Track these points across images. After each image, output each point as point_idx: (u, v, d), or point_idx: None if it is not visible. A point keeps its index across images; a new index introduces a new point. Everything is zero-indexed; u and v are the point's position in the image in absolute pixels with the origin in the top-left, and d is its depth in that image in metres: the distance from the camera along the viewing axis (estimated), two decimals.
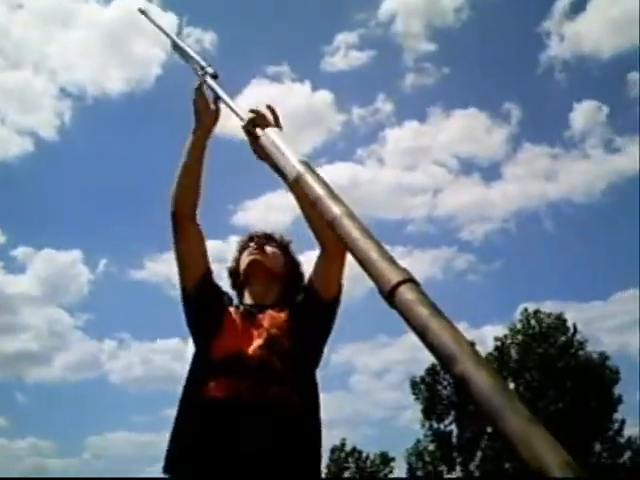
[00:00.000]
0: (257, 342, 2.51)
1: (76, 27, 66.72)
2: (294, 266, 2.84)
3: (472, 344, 1.06)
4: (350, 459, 46.03)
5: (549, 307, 39.50)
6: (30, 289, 59.44)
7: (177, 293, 2.66)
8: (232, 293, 2.83)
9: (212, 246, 2.79)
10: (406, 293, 1.14)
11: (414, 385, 39.60)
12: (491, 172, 60.68)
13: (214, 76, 2.33)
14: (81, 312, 60.98)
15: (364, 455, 46.15)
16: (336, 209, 1.42)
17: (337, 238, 2.32)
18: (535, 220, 54.26)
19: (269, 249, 2.80)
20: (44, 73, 64.56)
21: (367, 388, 56.75)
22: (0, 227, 56.57)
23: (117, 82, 63.80)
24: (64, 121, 57.10)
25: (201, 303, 2.66)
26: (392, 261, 1.23)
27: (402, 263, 1.19)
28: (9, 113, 66.28)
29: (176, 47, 2.60)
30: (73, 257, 56.95)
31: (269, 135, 1.86)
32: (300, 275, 2.83)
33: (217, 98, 2.35)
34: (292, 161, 1.67)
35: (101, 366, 61.25)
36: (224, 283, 2.84)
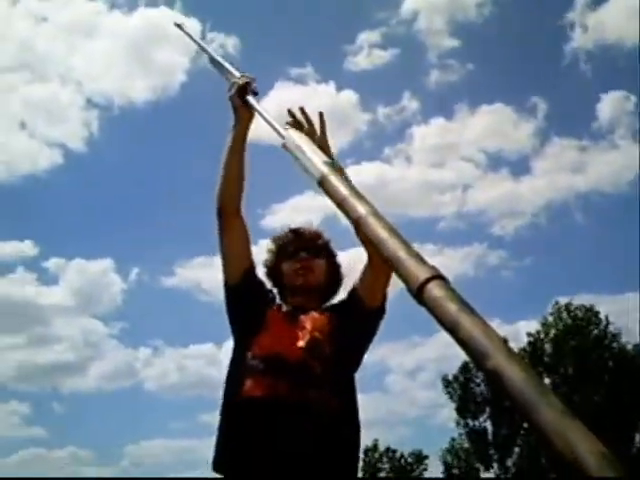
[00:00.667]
0: (299, 344, 2.52)
1: (100, 37, 67.35)
2: (335, 271, 2.83)
3: (505, 340, 1.06)
4: (384, 459, 45.98)
5: (582, 300, 39.17)
6: (63, 300, 59.96)
7: (208, 299, 2.70)
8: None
9: None
10: (435, 290, 1.14)
11: (447, 384, 39.48)
12: (519, 166, 60.37)
13: (254, 93, 2.40)
14: (115, 321, 61.35)
15: (398, 455, 46.09)
16: (361, 208, 1.42)
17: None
18: (565, 213, 53.97)
19: (314, 263, 2.77)
20: (70, 85, 65.16)
21: (402, 388, 56.70)
22: (32, 239, 57.04)
23: (142, 91, 64.25)
24: (92, 132, 57.59)
25: (244, 298, 2.68)
26: (420, 258, 1.23)
27: (433, 261, 1.19)
28: (37, 126, 66.92)
29: (213, 61, 2.64)
30: (104, 266, 57.37)
31: (293, 138, 1.87)
32: (340, 279, 2.82)
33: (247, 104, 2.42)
34: (316, 162, 1.67)
35: (136, 374, 61.57)
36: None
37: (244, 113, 2.52)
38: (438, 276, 1.18)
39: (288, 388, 2.42)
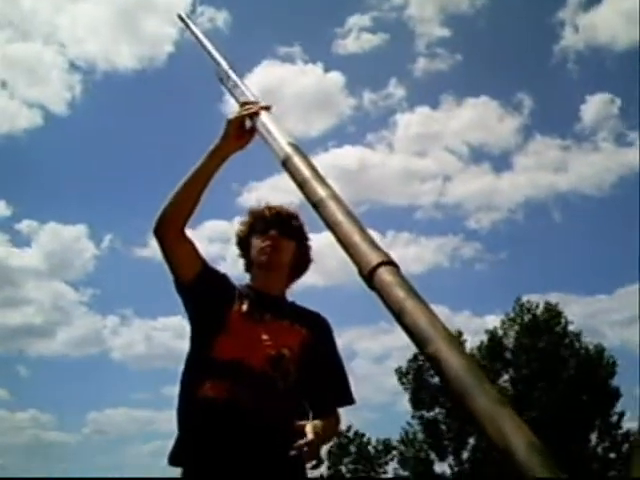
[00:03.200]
0: (264, 354, 2.48)
1: (87, 0, 66.29)
2: (304, 254, 2.74)
3: (459, 332, 1.08)
4: (352, 444, 46.16)
5: (554, 298, 39.38)
6: (35, 263, 59.44)
7: None
8: (239, 266, 2.79)
9: (216, 226, 2.72)
10: (384, 275, 1.17)
11: (401, 375, 39.64)
12: (501, 161, 60.26)
13: (266, 108, 2.08)
14: (85, 287, 60.80)
15: (365, 440, 46.27)
16: (322, 191, 1.44)
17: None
18: (543, 211, 54.00)
19: (284, 243, 2.67)
20: (54, 45, 63.93)
21: (368, 373, 56.87)
22: (5, 200, 56.35)
23: (128, 58, 62.99)
24: (73, 95, 56.80)
25: (198, 298, 2.57)
26: (373, 244, 1.25)
27: (408, 250, 1.20)
28: (18, 85, 66.02)
29: (222, 78, 2.34)
30: (78, 232, 56.95)
31: (261, 119, 1.88)
32: (308, 263, 2.77)
33: (253, 129, 2.12)
34: (281, 143, 1.69)
35: (103, 342, 61.10)
36: (228, 263, 2.76)
37: (233, 143, 2.30)
38: (389, 262, 1.20)
39: (248, 395, 2.40)
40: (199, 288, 2.54)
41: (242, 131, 2.21)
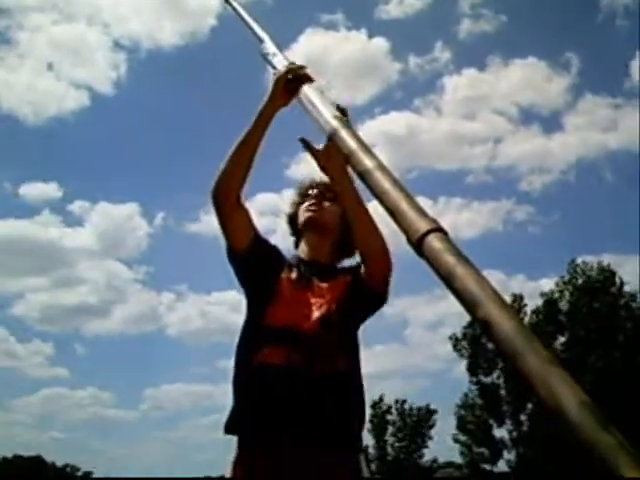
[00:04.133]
0: (315, 315, 2.54)
1: None
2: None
3: (521, 297, 1.09)
4: (393, 410, 46.29)
5: (607, 259, 38.98)
6: (88, 243, 60.34)
7: None
8: (289, 241, 2.84)
9: (266, 199, 2.78)
10: (434, 242, 1.18)
11: (456, 341, 39.62)
12: (551, 122, 59.82)
13: (310, 78, 2.17)
14: (139, 265, 61.62)
15: (407, 407, 46.39)
16: (368, 162, 1.46)
17: (381, 260, 2.35)
18: (595, 171, 53.50)
19: (326, 204, 2.76)
20: (97, 26, 64.67)
21: (422, 341, 56.89)
22: (57, 181, 57.26)
23: (171, 35, 63.60)
24: (119, 74, 57.43)
25: (251, 267, 2.64)
26: (421, 211, 1.27)
27: (461, 215, 1.22)
28: (64, 67, 66.71)
29: (265, 54, 2.44)
30: (130, 210, 57.72)
31: (305, 92, 1.91)
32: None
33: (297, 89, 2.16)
34: (327, 117, 1.71)
35: (159, 319, 62.27)
36: (278, 235, 2.79)
37: (280, 99, 2.37)
38: (438, 229, 1.22)
39: (302, 359, 2.46)
40: (251, 257, 2.61)
41: (287, 89, 2.26)
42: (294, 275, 2.65)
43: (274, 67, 2.32)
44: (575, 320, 36.69)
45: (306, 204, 2.76)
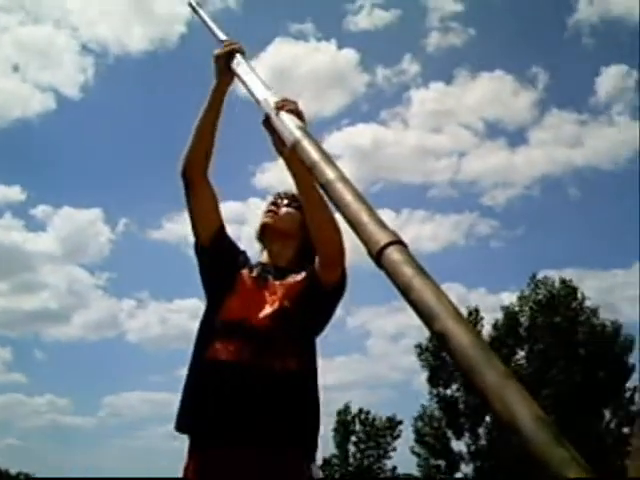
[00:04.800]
0: (267, 311, 2.55)
1: None
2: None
3: (477, 310, 1.09)
4: (357, 420, 46.25)
5: (570, 275, 39.24)
6: (50, 248, 59.76)
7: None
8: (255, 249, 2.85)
9: (232, 207, 2.85)
10: (393, 254, 1.19)
11: (421, 352, 39.68)
12: (517, 137, 60.10)
13: (242, 52, 2.43)
14: (101, 271, 61.10)
15: (370, 417, 46.35)
16: (331, 173, 1.46)
17: (332, 242, 2.38)
18: (559, 186, 53.91)
19: (284, 210, 2.80)
20: (66, 29, 64.10)
21: (384, 351, 56.96)
22: (20, 185, 56.67)
23: (140, 40, 63.29)
24: (86, 78, 56.93)
25: (214, 259, 2.69)
26: (382, 224, 1.27)
27: (424, 228, 1.22)
28: (30, 69, 66.14)
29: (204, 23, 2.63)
30: (93, 216, 57.31)
31: (269, 102, 1.91)
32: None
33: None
34: (290, 127, 1.71)
35: (119, 325, 61.80)
36: (243, 244, 2.84)
37: (225, 76, 2.53)
38: (398, 241, 1.22)
39: (251, 354, 2.46)
40: (215, 249, 2.69)
41: (228, 65, 2.44)
42: (254, 274, 2.68)
43: (239, 78, 2.37)
44: (535, 334, 36.92)
45: (266, 210, 2.79)
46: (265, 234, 2.78)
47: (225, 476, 2.41)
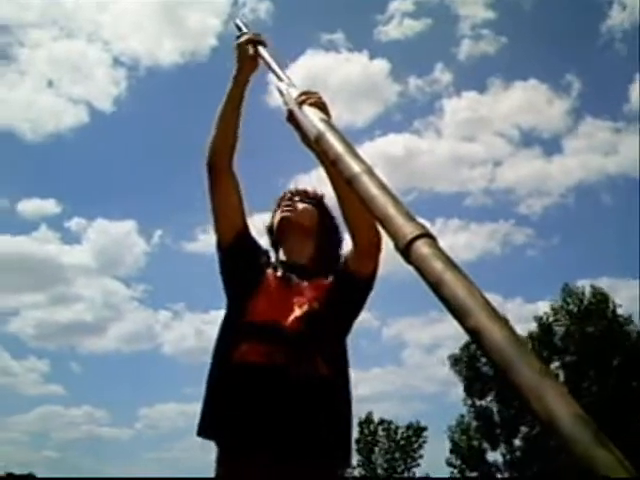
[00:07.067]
0: (296, 313, 2.50)
1: None
2: (328, 220, 2.79)
3: (508, 319, 1.03)
4: (380, 432, 46.09)
5: (604, 283, 39.14)
6: (85, 260, 60.35)
7: None
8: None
9: (262, 219, 2.81)
10: (422, 248, 1.13)
11: (455, 362, 39.52)
12: (552, 145, 59.93)
13: (264, 44, 2.47)
14: (137, 283, 61.59)
15: (393, 427, 46.20)
16: (356, 167, 1.40)
17: (369, 233, 2.34)
18: (594, 195, 53.63)
19: (300, 205, 2.77)
20: (98, 43, 64.73)
21: (419, 362, 56.85)
22: (55, 198, 57.26)
23: (171, 53, 63.84)
24: (118, 91, 57.51)
25: (237, 260, 2.64)
26: (409, 216, 1.21)
27: (459, 237, 1.16)
28: (64, 84, 66.89)
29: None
30: (128, 228, 57.91)
31: (292, 95, 1.87)
32: (335, 228, 2.78)
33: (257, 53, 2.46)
34: (313, 120, 1.66)
35: (155, 337, 62.28)
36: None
37: (249, 63, 2.53)
38: (426, 234, 1.16)
39: (284, 357, 2.40)
40: (238, 247, 2.64)
41: (253, 55, 2.47)
42: (279, 273, 2.64)
43: (267, 63, 2.35)
44: (569, 344, 36.64)
45: (281, 206, 2.76)
46: (283, 229, 2.74)
47: None
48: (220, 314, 2.61)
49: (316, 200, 2.78)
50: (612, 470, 0.79)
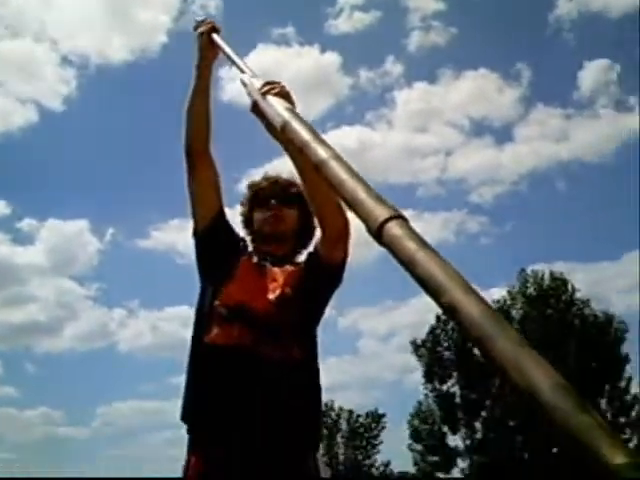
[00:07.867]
0: (269, 297, 2.53)
1: None
2: (307, 221, 2.77)
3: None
4: (341, 419, 46.30)
5: (560, 268, 39.45)
6: (38, 260, 59.54)
7: (183, 261, 2.71)
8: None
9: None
10: (394, 229, 1.14)
11: (416, 348, 39.68)
12: (503, 133, 60.34)
13: (217, 30, 2.54)
14: (90, 282, 60.93)
15: (355, 415, 46.43)
16: (324, 152, 1.42)
17: (336, 219, 2.35)
18: (547, 181, 54.09)
19: (285, 211, 2.75)
20: (45, 42, 63.72)
21: (374, 351, 57.02)
22: (5, 199, 56.44)
23: (121, 50, 63.05)
24: (69, 90, 56.67)
25: (213, 244, 2.66)
26: (380, 199, 1.22)
27: (413, 226, 1.17)
28: (11, 83, 65.86)
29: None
30: (80, 227, 57.25)
31: (254, 84, 1.87)
32: (312, 229, 2.78)
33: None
34: (278, 109, 1.67)
35: (110, 335, 61.60)
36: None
37: (210, 51, 2.56)
38: (398, 216, 1.17)
39: (253, 339, 2.42)
40: (214, 232, 2.66)
41: (210, 41, 2.52)
42: (254, 260, 2.66)
43: (225, 53, 2.36)
44: (527, 327, 36.97)
45: (266, 215, 2.74)
46: (269, 239, 2.73)
47: (228, 475, 2.37)
48: (174, 311, 2.65)
49: (297, 196, 2.75)
50: (592, 433, 0.81)
